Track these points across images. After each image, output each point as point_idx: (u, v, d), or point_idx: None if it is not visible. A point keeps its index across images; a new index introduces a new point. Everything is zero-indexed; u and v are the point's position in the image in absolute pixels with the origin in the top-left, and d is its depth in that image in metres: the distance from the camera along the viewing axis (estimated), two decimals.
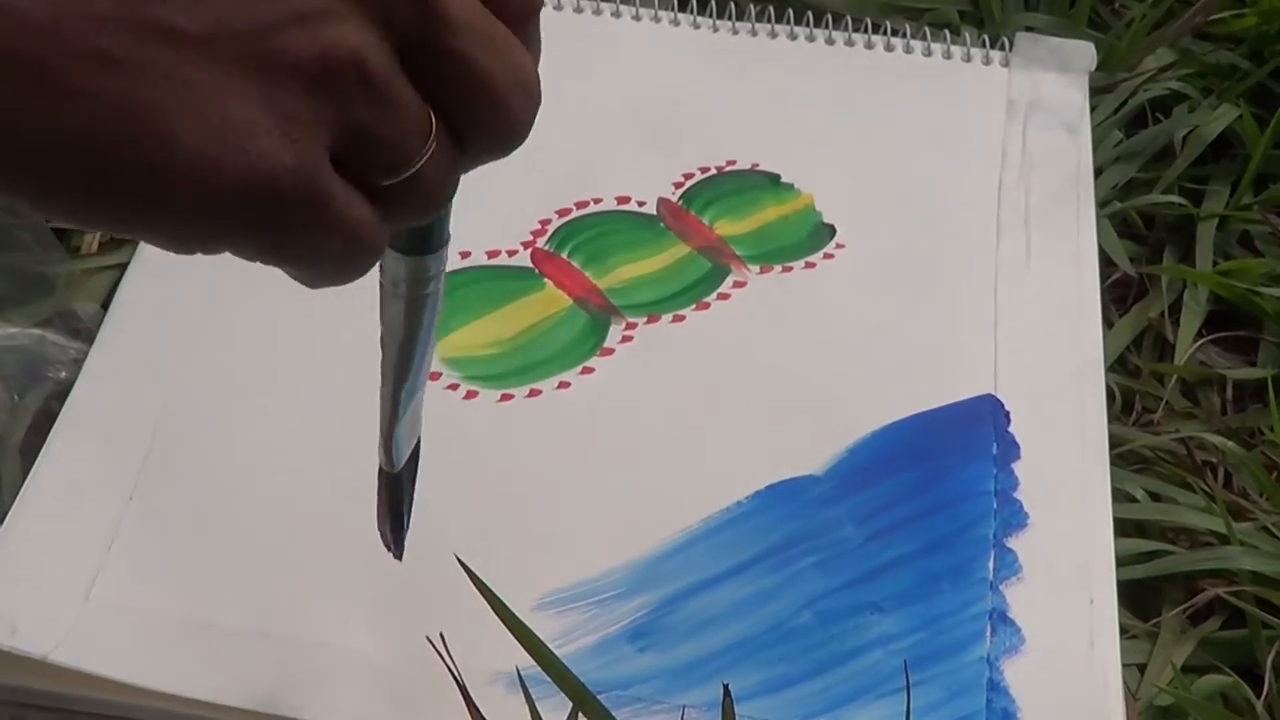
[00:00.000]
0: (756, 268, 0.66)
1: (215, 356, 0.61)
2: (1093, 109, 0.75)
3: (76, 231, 0.67)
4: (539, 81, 0.38)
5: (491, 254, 0.66)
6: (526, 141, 0.38)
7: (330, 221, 0.37)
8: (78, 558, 0.54)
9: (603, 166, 0.69)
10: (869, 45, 0.77)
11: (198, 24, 0.35)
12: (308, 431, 0.59)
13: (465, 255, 0.65)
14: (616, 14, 0.77)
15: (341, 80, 0.36)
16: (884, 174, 0.71)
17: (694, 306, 0.65)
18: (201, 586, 0.54)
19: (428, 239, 0.42)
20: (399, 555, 0.51)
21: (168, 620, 0.52)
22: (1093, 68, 0.76)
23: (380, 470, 0.49)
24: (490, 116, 0.38)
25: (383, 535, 0.51)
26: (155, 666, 0.51)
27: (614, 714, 0.49)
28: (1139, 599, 0.58)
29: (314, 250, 0.37)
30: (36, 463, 0.57)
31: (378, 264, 0.40)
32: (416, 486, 0.52)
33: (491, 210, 0.66)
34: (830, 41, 0.77)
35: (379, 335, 0.45)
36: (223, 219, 0.36)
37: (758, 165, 0.71)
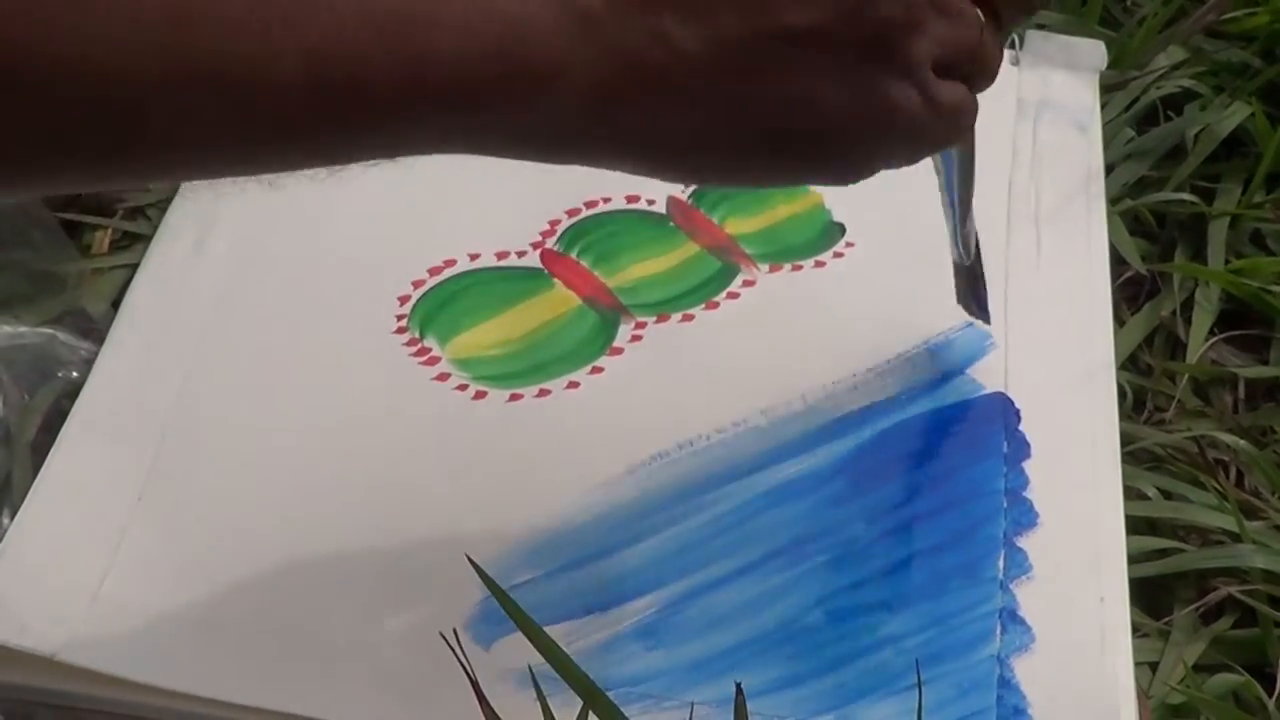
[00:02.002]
0: (766, 267, 0.66)
1: (225, 356, 0.61)
2: (1104, 106, 0.75)
3: (87, 230, 0.67)
4: None
5: (501, 255, 0.66)
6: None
7: (946, 114, 0.47)
8: (87, 557, 0.54)
9: None
10: None
11: (818, 19, 0.43)
12: (316, 430, 0.59)
13: (475, 257, 0.65)
14: None
15: (924, 16, 0.45)
16: (894, 172, 0.70)
17: (703, 306, 0.65)
18: (210, 585, 0.54)
19: None
20: (988, 319, 0.63)
21: (176, 619, 0.52)
22: (1103, 66, 0.76)
23: (956, 265, 0.61)
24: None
25: (969, 310, 0.63)
26: (163, 665, 0.51)
27: (624, 711, 0.49)
28: (1151, 597, 0.58)
29: (942, 136, 0.48)
30: (46, 461, 0.57)
31: None
32: (425, 486, 0.53)
33: (501, 211, 0.67)
34: None
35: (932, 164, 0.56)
36: (877, 152, 0.47)
37: None
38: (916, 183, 0.70)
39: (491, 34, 0.41)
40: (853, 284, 0.66)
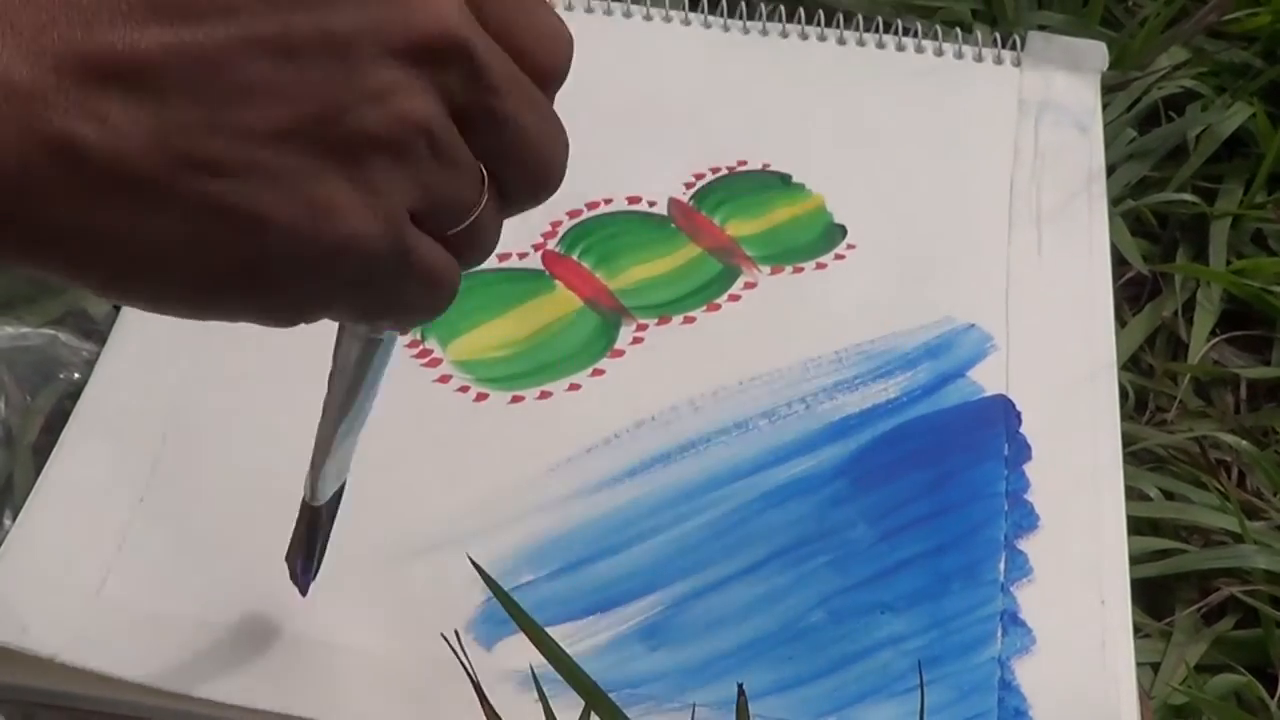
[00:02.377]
0: (767, 268, 0.66)
1: (226, 359, 0.61)
2: (1105, 107, 0.75)
3: None
4: (568, 138, 0.43)
5: (502, 257, 0.65)
6: None
7: (417, 271, 0.41)
8: (88, 557, 0.54)
9: (613, 167, 0.69)
10: (880, 45, 0.77)
11: (280, 119, 0.38)
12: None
13: None
14: (628, 14, 0.77)
15: (412, 145, 0.39)
16: (895, 174, 0.71)
17: (705, 308, 0.64)
18: (212, 587, 0.54)
19: None
20: (304, 591, 0.52)
21: (178, 620, 0.52)
22: (1105, 67, 0.76)
23: (303, 502, 0.51)
24: (532, 167, 0.42)
25: (290, 568, 0.52)
26: (165, 666, 0.51)
27: (626, 712, 0.49)
28: (1153, 598, 0.58)
29: (404, 300, 0.42)
30: (48, 463, 0.57)
31: None
32: (427, 488, 0.53)
33: None
34: (842, 41, 0.77)
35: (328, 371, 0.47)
36: (320, 292, 0.40)
37: (769, 165, 0.71)
38: (918, 184, 0.70)
39: None
40: (854, 286, 0.66)
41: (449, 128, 0.40)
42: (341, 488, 0.51)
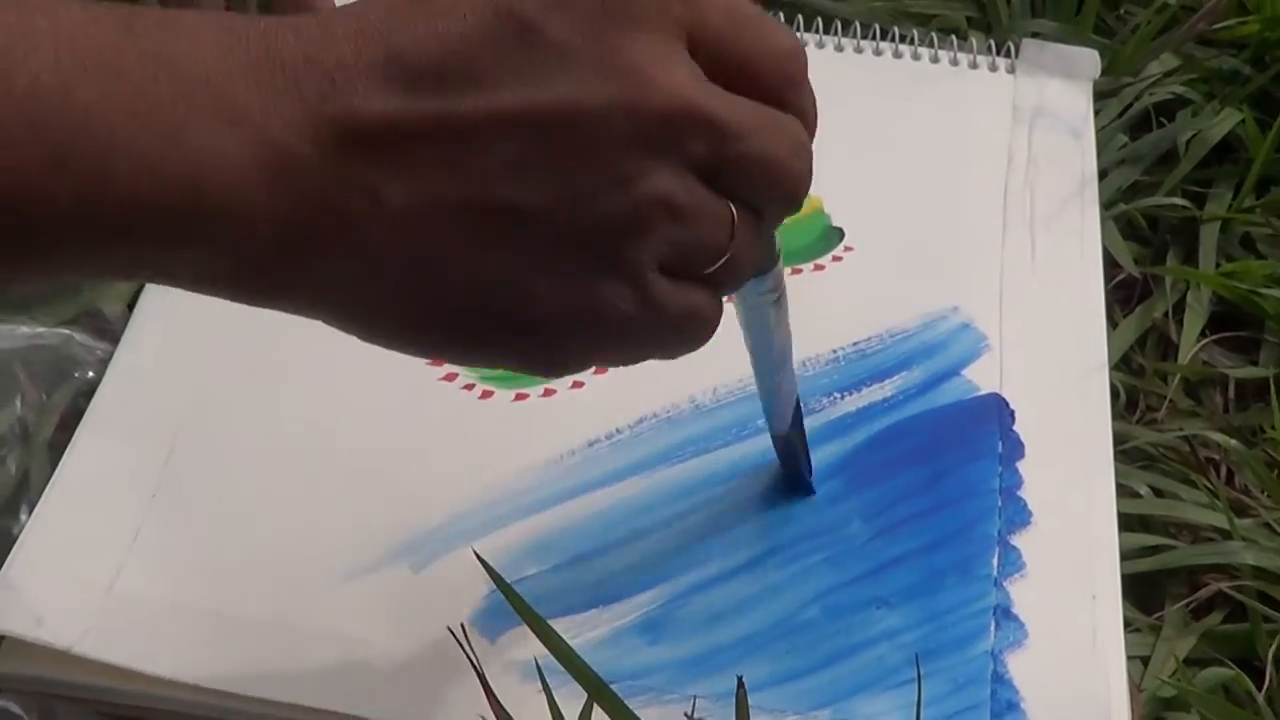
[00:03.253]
0: None
1: (236, 357, 0.61)
2: (1097, 112, 0.74)
3: None
4: (809, 139, 0.44)
5: None
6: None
7: (671, 321, 0.42)
8: (102, 552, 0.54)
9: None
10: (877, 51, 0.76)
11: (533, 198, 0.39)
12: (327, 429, 0.59)
13: None
14: None
15: (655, 219, 0.40)
16: (892, 178, 0.70)
17: None
18: (222, 580, 0.54)
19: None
20: (811, 491, 0.57)
21: (189, 613, 0.52)
22: (1097, 74, 0.76)
23: (772, 436, 0.56)
24: (779, 188, 0.43)
25: (790, 481, 0.57)
26: (177, 658, 0.51)
27: (626, 704, 0.49)
28: (1143, 593, 0.58)
29: (664, 343, 0.43)
30: (63, 459, 0.57)
31: None
32: (433, 483, 0.52)
33: None
34: (840, 48, 0.77)
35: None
36: (579, 351, 0.42)
37: None
38: (914, 188, 0.70)
39: (174, 167, 0.37)
40: (851, 287, 0.65)
41: (691, 190, 0.41)
42: (798, 411, 0.55)
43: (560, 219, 0.39)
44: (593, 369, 0.45)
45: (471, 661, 0.48)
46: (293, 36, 0.39)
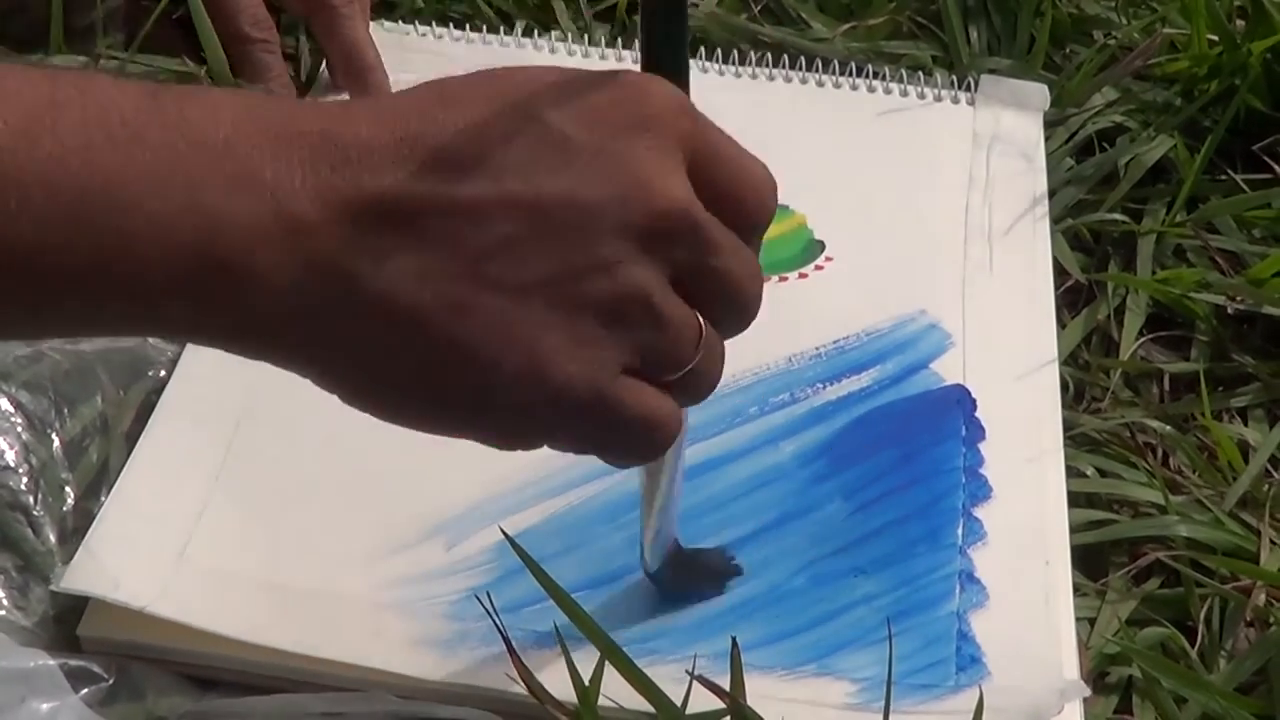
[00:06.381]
0: None
1: None
2: (1047, 139, 0.74)
3: None
4: (761, 273, 0.42)
5: None
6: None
7: (627, 419, 0.40)
8: (172, 526, 0.54)
9: None
10: (854, 87, 0.76)
11: (522, 276, 0.37)
12: (370, 422, 0.57)
13: None
14: (637, 60, 0.77)
15: (631, 313, 0.39)
16: (867, 196, 0.70)
17: None
18: (278, 552, 0.53)
19: None
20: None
21: (249, 579, 0.52)
22: (1047, 105, 0.75)
23: (643, 569, 0.52)
24: (741, 308, 0.41)
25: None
26: (237, 618, 0.50)
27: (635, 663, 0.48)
28: (1089, 562, 0.57)
29: (620, 440, 0.41)
30: (137, 446, 0.57)
31: None
32: (463, 470, 0.53)
33: None
34: (821, 84, 0.76)
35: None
36: (537, 427, 0.40)
37: None
38: (886, 205, 0.70)
39: (188, 228, 0.35)
40: (831, 292, 0.65)
41: (667, 293, 0.39)
42: (675, 550, 0.52)
43: (545, 294, 0.38)
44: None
45: (498, 627, 0.48)
46: (314, 113, 0.38)
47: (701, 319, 0.41)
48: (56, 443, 0.56)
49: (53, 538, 0.53)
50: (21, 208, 0.34)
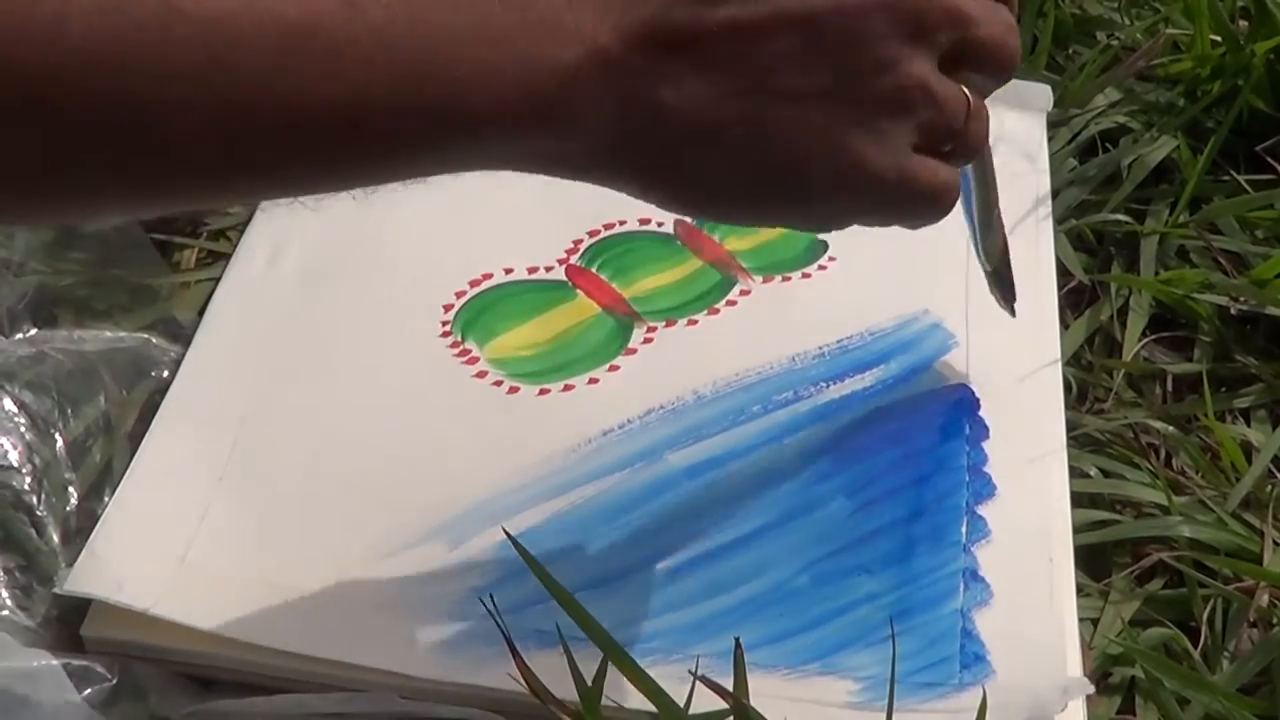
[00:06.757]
0: (760, 278, 0.66)
1: (293, 356, 0.61)
2: (1050, 140, 0.74)
3: (177, 249, 0.67)
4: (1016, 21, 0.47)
5: (531, 270, 0.65)
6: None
7: (921, 190, 0.44)
8: (175, 528, 0.54)
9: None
10: None
11: (811, 84, 0.42)
12: (372, 420, 0.58)
13: (509, 271, 0.65)
14: None
15: (913, 100, 0.43)
16: None
17: (706, 312, 0.64)
18: (278, 553, 0.53)
19: None
20: (1012, 313, 0.60)
21: (252, 581, 0.52)
22: (1050, 106, 0.75)
23: (984, 271, 0.59)
24: (1003, 66, 0.47)
25: (1004, 304, 0.60)
26: (239, 619, 0.50)
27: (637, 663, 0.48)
28: (1092, 562, 0.57)
29: (915, 209, 0.45)
30: (140, 447, 0.57)
31: None
32: (466, 469, 0.52)
33: (532, 233, 0.66)
34: None
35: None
36: (847, 210, 0.45)
37: None
38: None
39: (510, 73, 0.39)
40: (834, 292, 0.65)
41: (940, 78, 0.44)
42: (1005, 245, 0.59)
43: (833, 99, 0.42)
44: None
45: (500, 627, 0.48)
46: None
47: (966, 90, 0.45)
48: (60, 443, 0.56)
49: (56, 538, 0.53)
50: (366, 68, 0.38)
